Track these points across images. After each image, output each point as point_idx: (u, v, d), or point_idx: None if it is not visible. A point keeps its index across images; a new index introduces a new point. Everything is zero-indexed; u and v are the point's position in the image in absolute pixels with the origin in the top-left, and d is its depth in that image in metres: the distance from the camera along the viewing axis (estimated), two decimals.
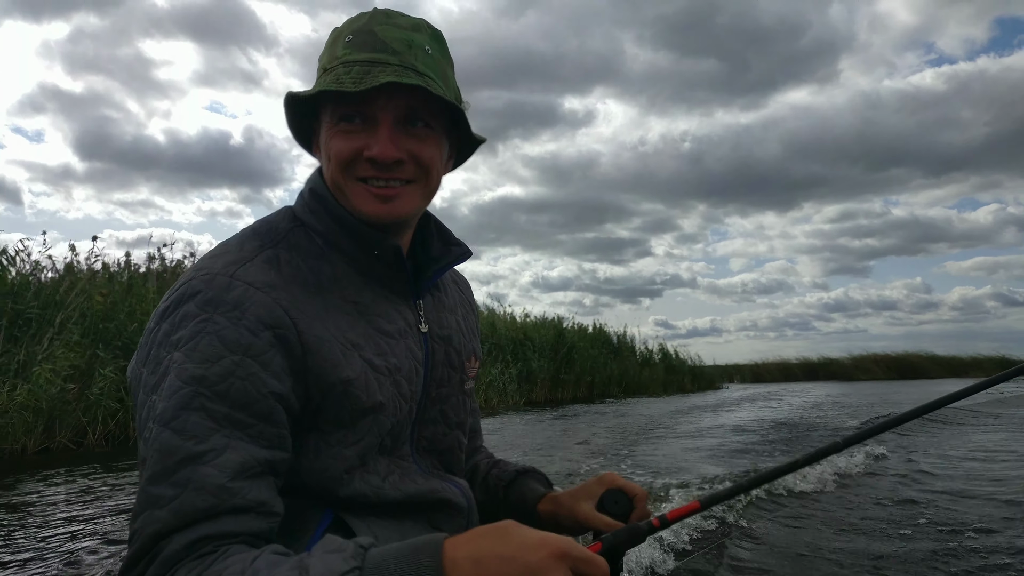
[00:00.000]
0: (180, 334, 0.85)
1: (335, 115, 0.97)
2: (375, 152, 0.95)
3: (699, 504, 0.96)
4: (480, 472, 1.29)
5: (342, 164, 0.97)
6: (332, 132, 0.98)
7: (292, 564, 0.73)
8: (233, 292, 0.87)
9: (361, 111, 0.96)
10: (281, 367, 0.87)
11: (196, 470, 0.78)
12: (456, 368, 1.12)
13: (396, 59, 0.96)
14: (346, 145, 0.97)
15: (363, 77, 0.93)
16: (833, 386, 26.10)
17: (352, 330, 0.95)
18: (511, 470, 1.26)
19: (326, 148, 0.99)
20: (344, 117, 0.97)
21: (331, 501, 0.94)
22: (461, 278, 1.32)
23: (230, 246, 0.96)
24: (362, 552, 0.73)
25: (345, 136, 0.97)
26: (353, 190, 0.97)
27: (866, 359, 35.97)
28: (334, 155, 0.97)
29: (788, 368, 36.82)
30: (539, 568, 0.70)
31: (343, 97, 0.95)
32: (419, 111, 0.98)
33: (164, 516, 0.77)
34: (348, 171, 0.97)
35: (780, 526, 3.84)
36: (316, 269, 0.97)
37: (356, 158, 0.97)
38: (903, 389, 21.50)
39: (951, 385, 24.36)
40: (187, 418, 0.80)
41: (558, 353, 17.11)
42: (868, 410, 12.39)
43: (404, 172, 0.99)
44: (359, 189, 0.97)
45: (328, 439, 0.93)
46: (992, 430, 8.93)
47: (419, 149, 0.99)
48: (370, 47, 0.97)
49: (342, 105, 0.96)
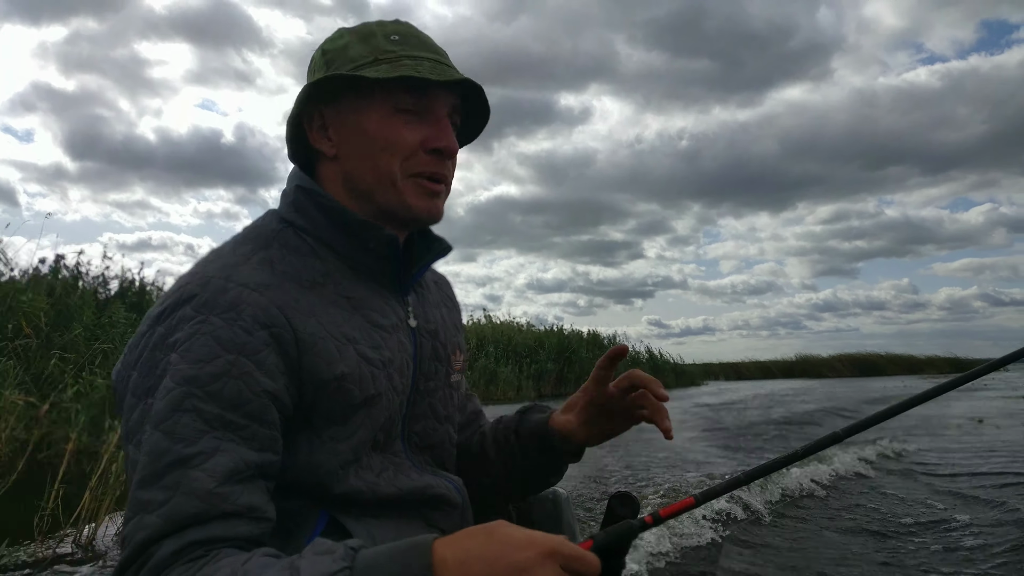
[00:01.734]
0: (176, 336, 0.85)
1: (394, 104, 0.98)
2: (444, 143, 0.98)
3: (694, 500, 0.93)
4: (488, 434, 1.27)
5: (402, 153, 0.98)
6: (390, 121, 0.98)
7: (282, 566, 0.73)
8: (229, 294, 0.87)
9: (422, 105, 0.99)
10: (275, 365, 0.87)
11: (185, 474, 0.78)
12: (442, 361, 1.13)
13: (448, 62, 1.01)
14: (410, 136, 0.98)
15: (438, 72, 0.96)
16: (803, 382, 29.44)
17: (347, 324, 0.96)
18: (514, 415, 1.26)
19: (381, 135, 0.98)
20: (403, 108, 0.98)
21: (326, 500, 0.94)
22: (440, 276, 1.31)
23: (224, 251, 0.97)
24: (352, 553, 0.73)
25: (406, 126, 0.98)
26: (407, 185, 0.99)
27: (834, 359, 39.81)
28: (396, 143, 0.98)
29: (766, 367, 40.47)
30: (527, 567, 0.70)
31: (411, 87, 0.97)
32: (457, 112, 1.04)
33: (154, 521, 0.77)
34: (406, 163, 0.99)
35: (777, 522, 3.87)
36: (309, 266, 0.97)
37: (416, 150, 0.98)
38: (861, 383, 24.84)
39: (906, 380, 27.30)
40: (178, 419, 0.80)
41: (562, 356, 20.46)
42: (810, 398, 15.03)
43: (450, 171, 1.03)
44: (412, 184, 0.99)
45: (321, 435, 0.93)
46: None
47: (456, 148, 1.03)
48: (425, 48, 1.00)
49: (405, 95, 0.98)
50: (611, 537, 0.86)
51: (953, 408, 12.56)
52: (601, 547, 0.83)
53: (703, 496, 0.93)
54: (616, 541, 0.86)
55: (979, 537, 3.60)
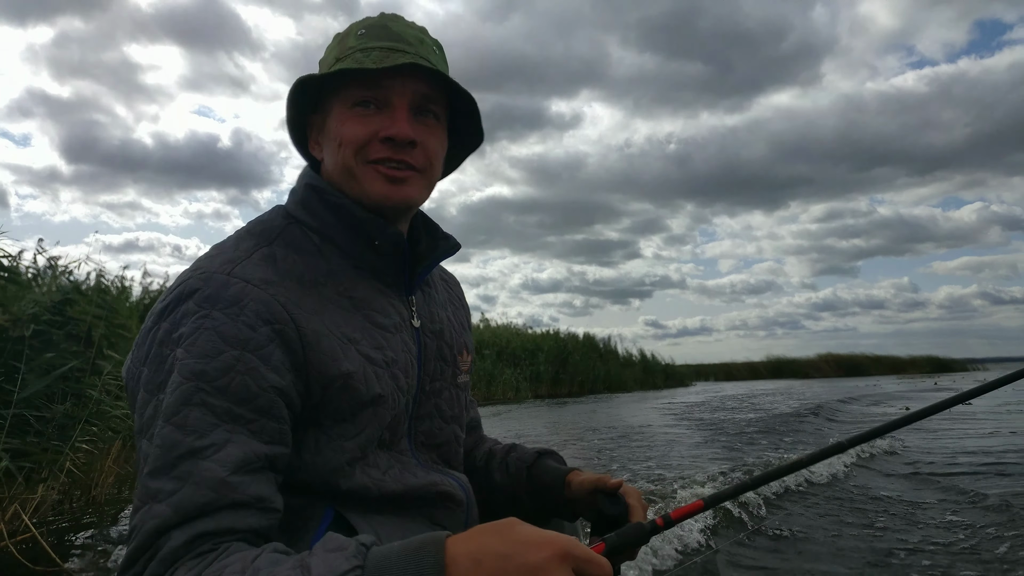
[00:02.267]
0: (181, 331, 0.86)
1: (348, 100, 0.99)
2: (393, 131, 0.97)
3: (703, 503, 0.94)
4: (497, 456, 1.29)
5: (356, 146, 0.98)
6: (345, 117, 0.99)
7: (293, 563, 0.73)
8: (231, 289, 0.88)
9: (377, 96, 0.98)
10: (281, 362, 0.87)
11: (196, 464, 0.79)
12: (448, 362, 1.13)
13: (412, 49, 0.99)
14: (362, 128, 0.98)
15: (383, 59, 0.96)
16: (786, 382, 31.08)
17: (348, 324, 0.96)
18: (531, 451, 1.27)
19: (337, 133, 0.99)
20: (359, 102, 0.98)
21: (332, 496, 0.95)
22: (449, 275, 1.32)
23: (226, 246, 0.97)
24: (364, 550, 0.73)
25: (360, 119, 0.98)
26: (364, 172, 0.98)
27: (819, 359, 41.49)
28: (348, 138, 0.98)
29: (755, 367, 42.10)
30: (541, 567, 0.69)
31: (361, 78, 0.97)
32: (431, 100, 1.01)
33: (164, 511, 0.77)
34: (360, 154, 0.98)
35: (788, 524, 3.87)
36: (311, 265, 0.97)
37: (371, 140, 0.98)
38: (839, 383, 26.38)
39: (880, 380, 28.38)
40: (188, 413, 0.81)
41: (558, 358, 22.06)
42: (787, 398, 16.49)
43: (415, 158, 1.00)
44: (370, 171, 0.98)
45: (328, 433, 0.94)
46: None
47: (427, 137, 1.01)
48: (386, 37, 1.00)
49: (358, 89, 0.98)
50: (623, 540, 0.86)
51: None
52: (612, 550, 0.84)
53: (711, 500, 0.94)
54: (628, 544, 0.87)
55: (996, 538, 3.58)
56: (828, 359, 41.44)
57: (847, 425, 10.20)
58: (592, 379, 23.59)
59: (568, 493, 1.18)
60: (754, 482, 0.98)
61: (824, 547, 3.48)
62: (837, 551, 3.43)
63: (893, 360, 42.04)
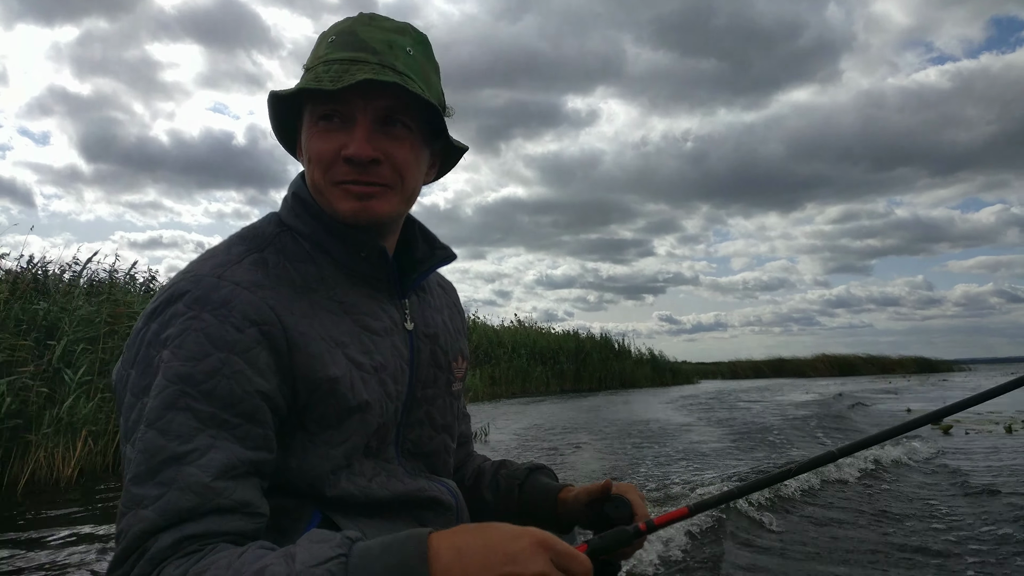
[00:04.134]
0: (169, 332, 0.86)
1: (314, 115, 0.98)
2: (351, 151, 0.95)
3: (688, 510, 0.95)
4: (487, 473, 1.28)
5: (322, 165, 0.98)
6: (311, 132, 0.99)
7: (278, 554, 0.74)
8: (221, 291, 0.88)
9: (339, 110, 0.97)
10: (267, 364, 0.88)
11: (180, 470, 0.79)
12: (443, 368, 1.13)
13: (375, 58, 0.97)
14: (325, 145, 0.97)
15: (341, 76, 0.94)
16: (784, 380, 34.41)
17: (337, 328, 0.96)
18: (522, 468, 1.26)
19: (307, 149, 1.00)
20: (323, 116, 0.97)
21: (319, 501, 0.95)
22: (447, 282, 1.31)
23: (218, 251, 0.97)
24: (349, 542, 0.75)
25: (323, 136, 0.98)
26: (331, 192, 0.98)
27: (815, 359, 44.95)
28: (314, 156, 0.98)
29: (758, 366, 45.49)
30: (520, 556, 0.72)
31: (321, 96, 0.96)
32: (397, 111, 0.98)
33: (149, 515, 0.77)
34: (328, 173, 0.98)
35: (778, 530, 3.87)
36: (302, 271, 0.98)
37: (335, 159, 0.97)
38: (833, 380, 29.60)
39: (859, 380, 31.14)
40: (172, 417, 0.81)
41: (578, 357, 25.48)
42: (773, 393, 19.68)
43: (380, 174, 0.98)
44: (337, 190, 0.98)
45: (314, 439, 0.94)
46: None
47: (395, 150, 0.99)
48: (351, 47, 0.98)
49: (321, 104, 0.97)
50: (606, 542, 0.89)
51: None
52: (595, 551, 0.87)
53: (696, 507, 0.95)
54: (610, 547, 0.89)
55: (981, 536, 3.60)
56: (824, 359, 44.86)
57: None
58: (608, 376, 27.00)
59: (561, 509, 1.17)
60: (740, 491, 0.99)
61: (827, 551, 3.43)
62: (841, 554, 3.39)
63: (883, 360, 45.46)
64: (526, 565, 0.72)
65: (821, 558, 3.37)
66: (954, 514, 4.31)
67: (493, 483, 1.27)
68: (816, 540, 3.70)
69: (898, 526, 4.04)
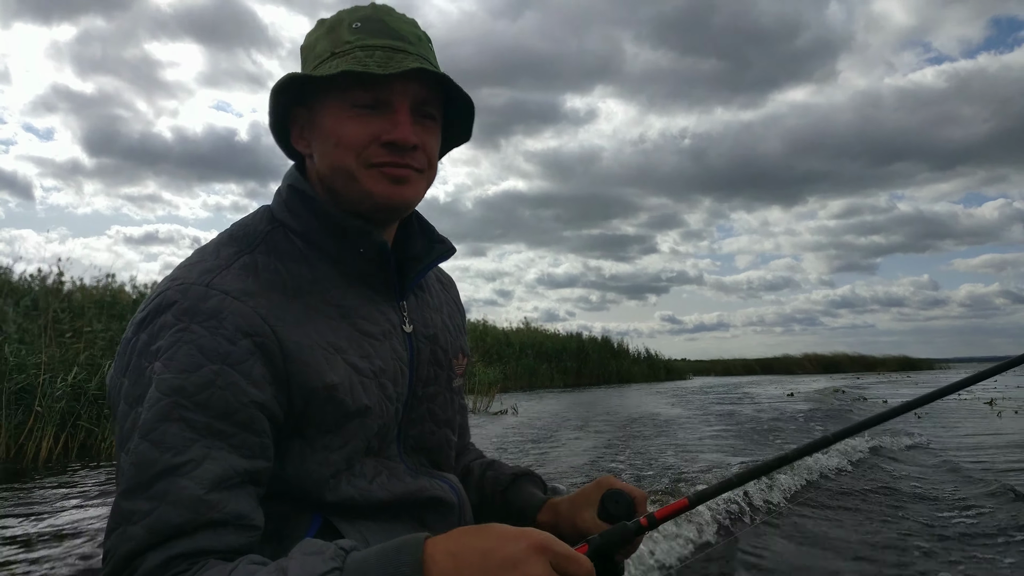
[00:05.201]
0: (159, 344, 0.84)
1: (347, 100, 0.96)
2: (396, 136, 0.95)
3: (687, 502, 0.95)
4: (474, 475, 1.27)
5: (355, 149, 0.96)
6: (342, 117, 0.96)
7: (270, 569, 0.73)
8: (210, 302, 0.86)
9: (377, 97, 0.96)
10: (262, 375, 0.86)
11: (173, 482, 0.78)
12: (443, 366, 1.13)
13: (413, 49, 0.97)
14: (362, 130, 0.95)
15: (387, 62, 0.93)
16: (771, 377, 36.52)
17: (334, 334, 0.95)
18: (507, 473, 1.24)
19: (334, 133, 0.96)
20: (358, 103, 0.95)
21: (319, 505, 0.94)
22: (446, 277, 1.31)
23: (206, 253, 0.96)
24: (343, 553, 0.73)
25: (360, 120, 0.95)
26: (366, 174, 0.96)
27: (803, 358, 47.69)
28: (348, 140, 0.95)
29: (749, 364, 48.10)
30: (518, 560, 0.70)
31: (364, 80, 0.94)
32: (429, 102, 0.99)
33: (138, 533, 0.76)
34: (361, 156, 0.96)
35: (781, 521, 3.86)
36: (295, 273, 0.96)
37: (371, 143, 0.95)
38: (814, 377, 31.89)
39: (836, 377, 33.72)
40: (165, 429, 0.80)
41: (579, 356, 27.97)
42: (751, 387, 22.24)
43: (416, 160, 0.98)
44: (373, 172, 0.96)
45: (313, 444, 0.92)
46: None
47: (428, 138, 1.00)
48: (385, 34, 0.97)
49: (359, 90, 0.95)
50: (606, 540, 0.87)
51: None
52: (597, 550, 0.85)
53: (696, 498, 0.95)
54: (612, 545, 0.87)
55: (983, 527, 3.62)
56: (811, 358, 47.60)
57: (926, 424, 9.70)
58: (607, 373, 29.49)
59: (543, 518, 1.14)
60: (738, 480, 0.98)
61: (835, 540, 3.40)
62: (849, 544, 3.37)
63: (868, 359, 48.20)
64: (524, 570, 0.70)
65: (825, 548, 3.31)
66: (956, 503, 4.28)
67: (479, 486, 1.25)
68: (818, 531, 3.66)
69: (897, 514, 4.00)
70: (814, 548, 3.29)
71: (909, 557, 3.26)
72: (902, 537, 3.52)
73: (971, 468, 5.67)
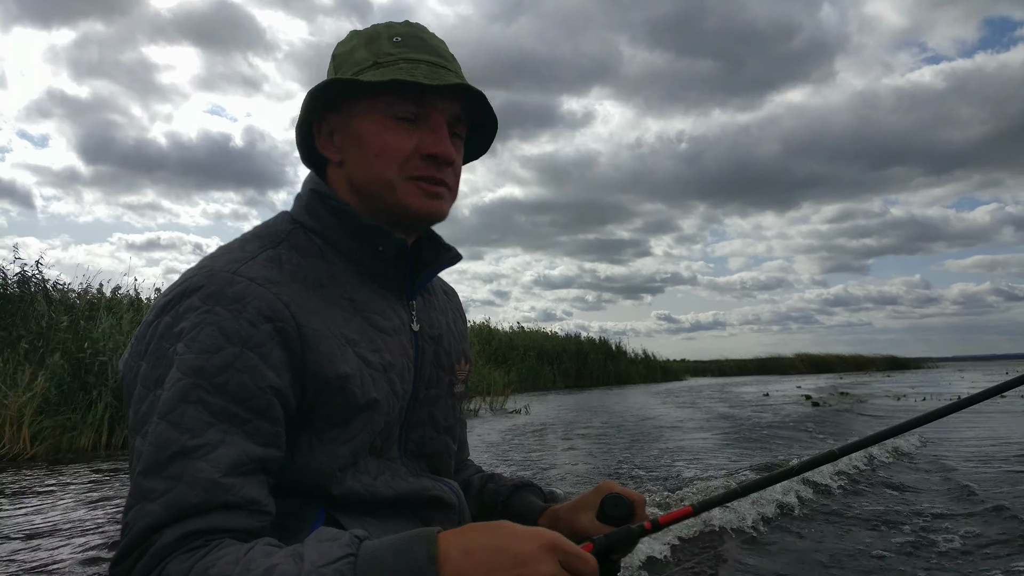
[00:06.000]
0: (182, 325, 0.86)
1: (391, 110, 0.99)
2: (438, 150, 0.98)
3: (692, 509, 0.96)
4: (474, 487, 1.28)
5: (398, 159, 0.98)
6: (386, 127, 0.99)
7: (286, 552, 0.75)
8: (235, 287, 0.88)
9: (419, 110, 0.99)
10: (280, 360, 0.88)
11: (189, 464, 0.79)
12: (445, 369, 1.14)
13: (452, 67, 1.01)
14: (404, 142, 0.98)
15: (433, 75, 0.96)
16: (763, 377, 37.94)
17: (347, 326, 0.96)
18: (508, 484, 1.26)
19: (376, 142, 0.99)
20: (401, 114, 0.98)
21: (324, 499, 0.95)
22: (449, 287, 1.33)
23: (231, 247, 0.98)
24: (357, 541, 0.75)
25: (401, 131, 0.98)
26: (405, 187, 0.99)
27: (795, 358, 49.25)
28: (391, 150, 0.99)
29: (744, 365, 49.49)
30: (529, 558, 0.72)
31: (409, 91, 0.97)
32: (460, 120, 1.03)
33: (156, 509, 0.78)
34: (403, 168, 0.99)
35: (782, 529, 3.88)
36: (315, 267, 0.98)
37: (412, 154, 0.98)
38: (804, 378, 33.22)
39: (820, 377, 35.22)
40: (184, 411, 0.82)
41: (579, 358, 29.22)
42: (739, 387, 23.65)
43: (448, 176, 1.02)
44: (411, 186, 0.99)
45: (321, 436, 0.94)
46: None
47: (458, 158, 1.04)
48: (426, 51, 1.00)
49: (404, 102, 0.98)
50: (611, 541, 0.89)
51: None
52: (601, 550, 0.88)
53: (701, 506, 0.96)
54: (616, 545, 0.90)
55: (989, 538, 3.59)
56: (803, 358, 49.09)
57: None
58: (606, 374, 30.76)
59: (542, 522, 1.16)
60: (743, 490, 0.99)
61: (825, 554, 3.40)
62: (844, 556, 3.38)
63: (857, 359, 49.68)
64: (535, 568, 0.72)
65: (826, 559, 3.31)
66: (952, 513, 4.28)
67: (478, 498, 1.26)
68: (820, 540, 3.66)
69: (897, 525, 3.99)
70: (802, 562, 3.30)
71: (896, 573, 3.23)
72: (888, 551, 3.50)
73: (968, 478, 5.54)
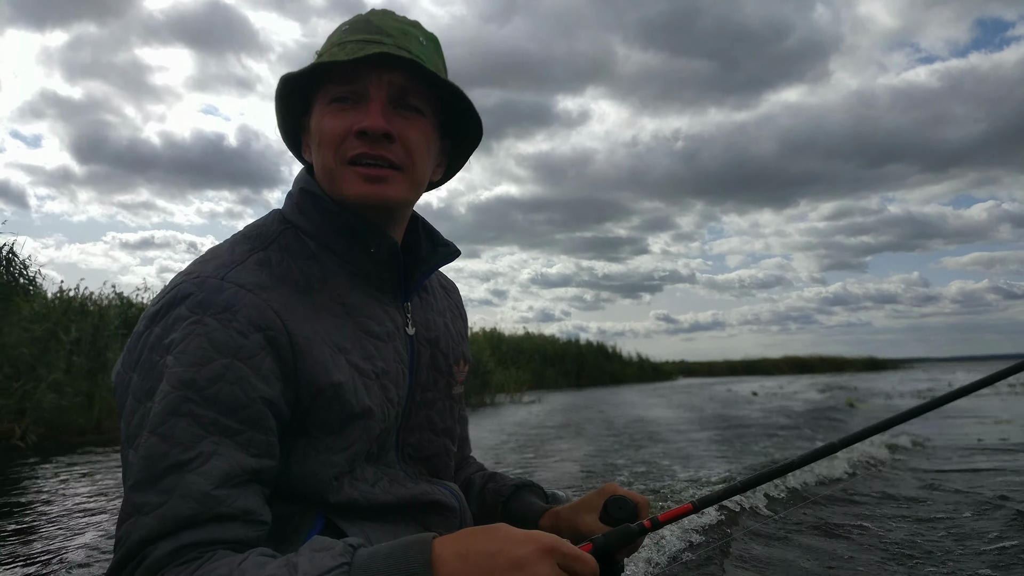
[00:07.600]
0: (172, 337, 0.85)
1: (327, 96, 0.98)
2: (365, 124, 0.95)
3: (691, 506, 0.95)
4: (475, 486, 1.28)
5: (333, 143, 0.96)
6: (323, 114, 0.98)
7: (280, 563, 0.74)
8: (224, 294, 0.87)
9: (353, 90, 0.97)
10: (271, 370, 0.87)
11: (182, 477, 0.79)
12: (443, 372, 1.13)
13: (391, 40, 0.98)
14: (337, 123, 0.96)
15: (356, 51, 0.94)
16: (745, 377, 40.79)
17: (339, 332, 0.95)
18: (509, 484, 1.25)
19: (317, 130, 0.98)
20: (336, 98, 0.97)
21: (323, 506, 0.94)
22: (450, 283, 1.31)
23: (221, 250, 0.96)
24: (351, 550, 0.74)
25: (336, 115, 0.97)
26: (343, 173, 0.97)
27: (781, 360, 52.89)
28: (326, 135, 0.97)
29: (733, 366, 52.93)
30: (526, 562, 0.71)
31: (335, 73, 0.96)
32: (410, 93, 0.99)
33: (150, 523, 0.77)
34: (339, 152, 0.97)
35: (782, 527, 3.84)
36: (306, 270, 0.97)
37: (346, 136, 0.96)
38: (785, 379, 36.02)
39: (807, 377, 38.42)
40: (175, 424, 0.81)
41: (578, 360, 32.48)
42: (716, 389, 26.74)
43: (393, 153, 0.97)
44: (348, 172, 0.97)
45: (317, 444, 0.93)
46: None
47: (407, 130, 0.98)
48: (365, 31, 0.98)
49: (335, 85, 0.97)
50: (610, 540, 0.89)
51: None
52: (600, 550, 0.87)
53: (701, 502, 0.96)
54: (615, 545, 0.90)
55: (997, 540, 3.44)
56: (787, 360, 52.75)
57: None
58: (603, 374, 33.98)
59: (544, 523, 1.16)
60: (744, 485, 0.98)
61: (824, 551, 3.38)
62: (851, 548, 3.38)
63: (836, 360, 53.37)
64: (532, 570, 0.71)
65: (827, 556, 3.29)
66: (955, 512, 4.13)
67: (480, 498, 1.26)
68: (822, 537, 3.64)
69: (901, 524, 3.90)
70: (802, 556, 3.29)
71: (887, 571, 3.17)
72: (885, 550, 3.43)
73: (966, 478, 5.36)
